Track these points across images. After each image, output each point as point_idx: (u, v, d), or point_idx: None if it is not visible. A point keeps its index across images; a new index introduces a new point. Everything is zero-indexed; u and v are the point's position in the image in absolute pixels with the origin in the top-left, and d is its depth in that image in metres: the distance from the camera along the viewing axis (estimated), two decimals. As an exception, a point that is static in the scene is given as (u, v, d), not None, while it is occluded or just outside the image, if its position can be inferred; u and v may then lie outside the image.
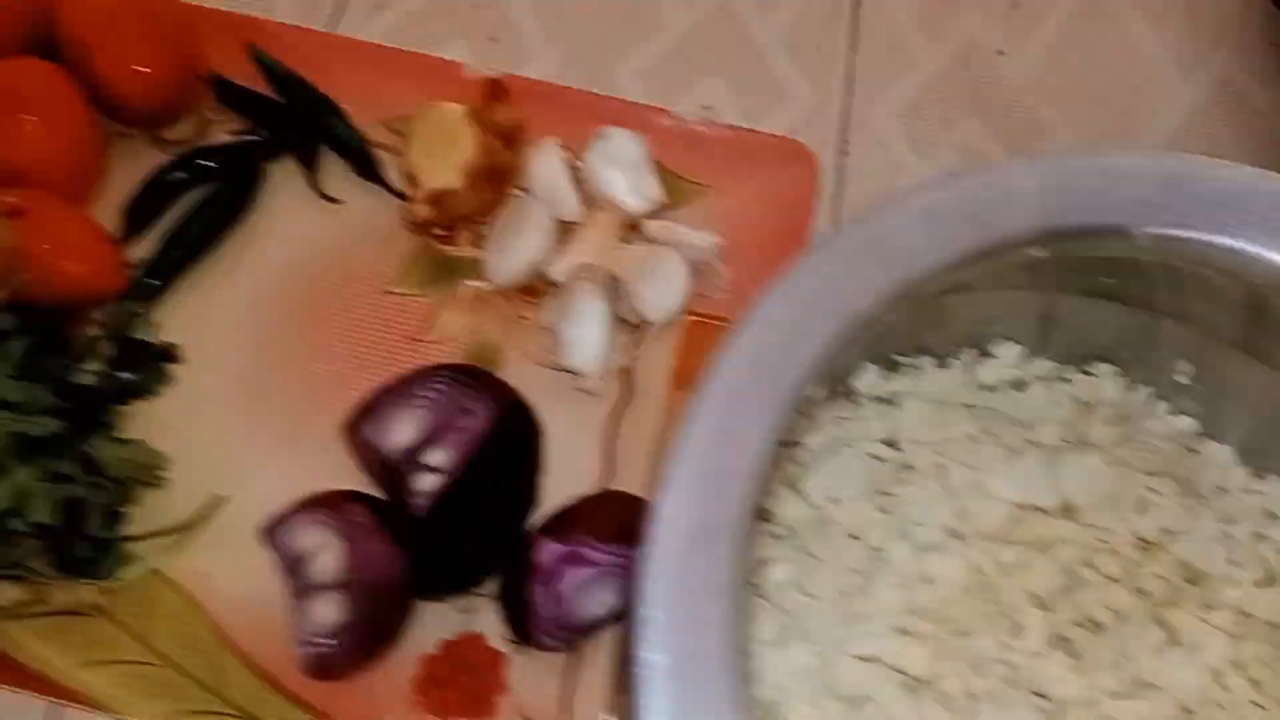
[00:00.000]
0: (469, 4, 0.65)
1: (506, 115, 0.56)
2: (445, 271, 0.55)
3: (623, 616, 0.46)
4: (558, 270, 0.54)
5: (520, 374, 0.51)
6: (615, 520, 0.45)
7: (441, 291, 0.55)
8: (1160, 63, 0.67)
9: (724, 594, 0.29)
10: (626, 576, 0.45)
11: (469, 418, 0.45)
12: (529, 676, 0.46)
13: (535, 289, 0.55)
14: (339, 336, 0.53)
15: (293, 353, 0.53)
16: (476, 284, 0.54)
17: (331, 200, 0.56)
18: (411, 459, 0.44)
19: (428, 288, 0.55)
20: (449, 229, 0.55)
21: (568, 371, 0.52)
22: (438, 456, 0.44)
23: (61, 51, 0.54)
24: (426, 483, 0.43)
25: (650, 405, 0.53)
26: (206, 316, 0.53)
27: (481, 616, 0.47)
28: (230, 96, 0.57)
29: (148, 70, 0.53)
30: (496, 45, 0.64)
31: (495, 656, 0.46)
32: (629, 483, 0.51)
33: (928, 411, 0.45)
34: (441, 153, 0.54)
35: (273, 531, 0.45)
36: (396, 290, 0.55)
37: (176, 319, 0.52)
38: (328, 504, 0.44)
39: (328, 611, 0.42)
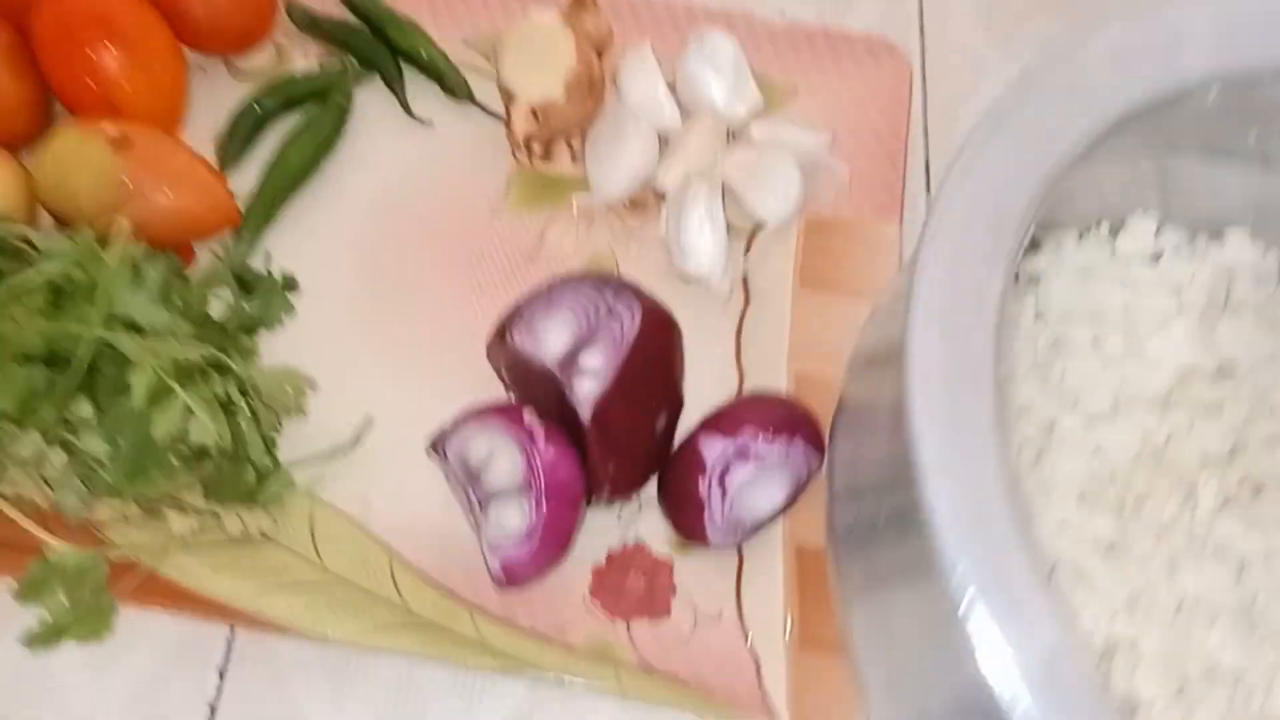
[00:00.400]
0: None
1: (597, 23, 0.54)
2: (549, 189, 0.54)
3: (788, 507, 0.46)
4: (665, 180, 0.53)
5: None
6: (773, 417, 0.44)
7: (548, 210, 0.53)
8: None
9: (991, 435, 0.29)
10: (792, 470, 0.44)
11: (615, 321, 0.44)
12: (697, 576, 0.46)
13: (642, 201, 0.54)
14: (451, 258, 0.52)
15: (407, 277, 0.51)
16: (583, 200, 0.53)
17: (422, 121, 0.54)
18: (569, 365, 0.43)
19: (534, 206, 0.54)
20: (547, 145, 0.54)
21: (688, 279, 0.51)
22: (593, 360, 0.43)
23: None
24: (587, 387, 0.42)
25: (772, 307, 0.52)
26: (315, 245, 0.51)
27: (641, 524, 0.47)
28: (306, 22, 0.55)
29: (223, -4, 0.51)
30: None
31: (661, 563, 0.46)
32: (760, 382, 0.50)
33: (1075, 285, 0.45)
34: (539, 64, 0.52)
35: (442, 444, 0.43)
36: (502, 210, 0.53)
37: (285, 248, 0.51)
38: (496, 413, 0.43)
39: (512, 516, 0.41)
